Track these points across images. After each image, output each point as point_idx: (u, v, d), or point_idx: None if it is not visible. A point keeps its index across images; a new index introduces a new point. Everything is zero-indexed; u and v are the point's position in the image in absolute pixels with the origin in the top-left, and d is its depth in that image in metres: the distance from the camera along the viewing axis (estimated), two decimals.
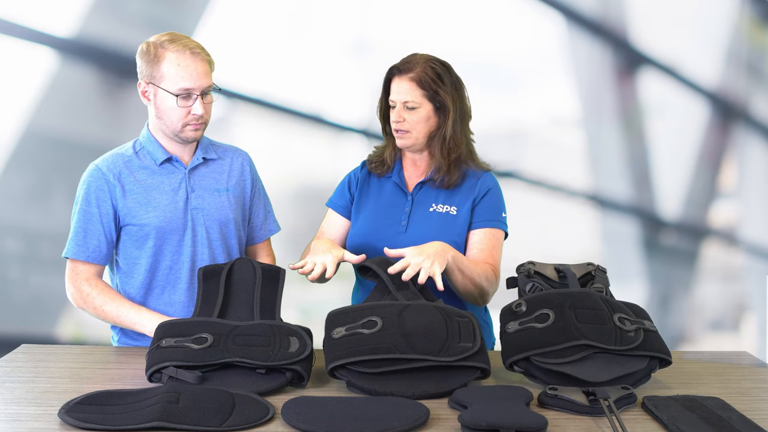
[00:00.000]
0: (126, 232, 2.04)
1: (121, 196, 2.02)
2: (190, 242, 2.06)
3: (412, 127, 2.08)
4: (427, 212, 2.11)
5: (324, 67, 3.76)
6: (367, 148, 4.01)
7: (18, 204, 3.45)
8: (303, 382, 1.68)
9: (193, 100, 1.98)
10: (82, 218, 2.02)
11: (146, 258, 2.04)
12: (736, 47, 4.27)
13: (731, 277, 4.28)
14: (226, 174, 2.13)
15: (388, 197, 2.16)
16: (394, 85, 2.08)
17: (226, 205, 2.10)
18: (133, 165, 2.05)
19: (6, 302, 3.45)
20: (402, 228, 2.11)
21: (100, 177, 2.02)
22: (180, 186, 2.06)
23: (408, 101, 2.06)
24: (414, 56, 2.10)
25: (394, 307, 1.73)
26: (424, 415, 1.47)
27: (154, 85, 1.98)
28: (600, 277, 1.89)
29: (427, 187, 2.14)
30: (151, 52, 1.97)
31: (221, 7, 3.64)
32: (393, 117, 2.09)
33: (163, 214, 2.03)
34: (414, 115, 2.07)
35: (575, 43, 4.09)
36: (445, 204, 2.12)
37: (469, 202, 2.12)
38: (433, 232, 2.07)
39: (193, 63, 1.96)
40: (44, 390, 1.63)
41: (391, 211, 2.14)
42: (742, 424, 1.46)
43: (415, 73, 2.06)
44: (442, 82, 2.07)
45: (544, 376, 1.67)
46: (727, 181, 4.41)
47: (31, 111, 3.43)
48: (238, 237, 2.14)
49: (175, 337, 1.70)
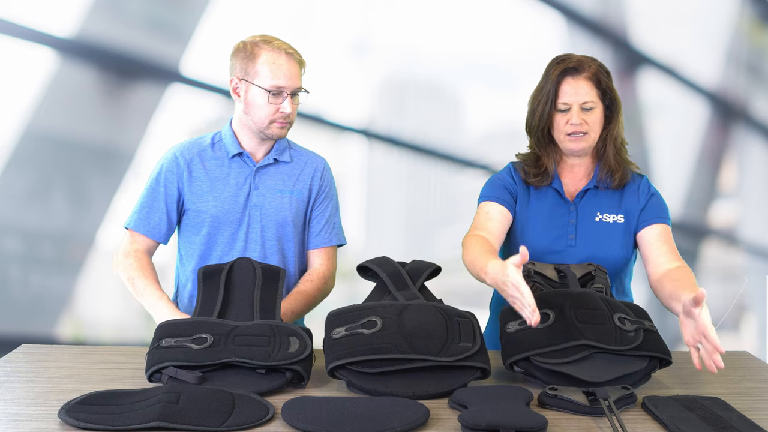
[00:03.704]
0: (186, 217, 2.13)
1: (188, 181, 2.11)
2: (244, 237, 2.12)
3: (590, 129, 1.99)
4: (593, 222, 2.04)
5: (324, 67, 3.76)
6: (368, 148, 4.04)
7: (18, 204, 3.45)
8: (303, 382, 1.68)
9: (283, 98, 2.06)
10: (149, 195, 2.13)
11: (199, 244, 2.12)
12: (736, 47, 4.27)
13: (731, 277, 4.28)
14: (295, 177, 2.17)
15: (549, 207, 2.06)
16: (567, 87, 1.98)
17: (287, 207, 2.15)
18: (206, 154, 2.14)
19: (6, 302, 3.45)
20: (571, 241, 2.03)
21: (173, 160, 2.13)
22: (245, 182, 2.13)
23: (587, 102, 1.97)
24: (573, 56, 2.01)
25: (394, 307, 1.73)
26: (424, 415, 1.47)
27: (246, 81, 2.07)
28: (600, 277, 1.89)
29: (589, 194, 2.06)
30: (248, 50, 2.07)
31: (221, 7, 3.64)
32: (572, 120, 1.97)
33: (222, 205, 2.10)
34: (591, 116, 1.99)
35: (575, 43, 4.09)
36: (611, 213, 2.05)
37: (634, 209, 2.05)
38: (602, 243, 2.01)
39: (287, 63, 2.06)
40: (44, 390, 1.63)
41: (556, 222, 2.05)
42: (742, 424, 1.46)
43: (591, 72, 1.98)
44: (611, 78, 2.01)
45: (544, 376, 1.67)
46: (727, 181, 4.40)
47: (31, 111, 3.43)
48: (297, 240, 2.18)
49: (175, 337, 1.70)
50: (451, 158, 4.03)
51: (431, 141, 3.98)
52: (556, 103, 2.00)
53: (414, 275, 1.88)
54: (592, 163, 2.08)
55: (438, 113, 4.11)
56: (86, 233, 3.49)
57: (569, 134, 1.99)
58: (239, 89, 2.09)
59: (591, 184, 2.06)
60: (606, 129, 2.04)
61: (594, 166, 2.08)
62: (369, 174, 4.05)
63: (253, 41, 2.08)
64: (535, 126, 2.04)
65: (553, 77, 1.99)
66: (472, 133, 4.09)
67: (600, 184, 2.06)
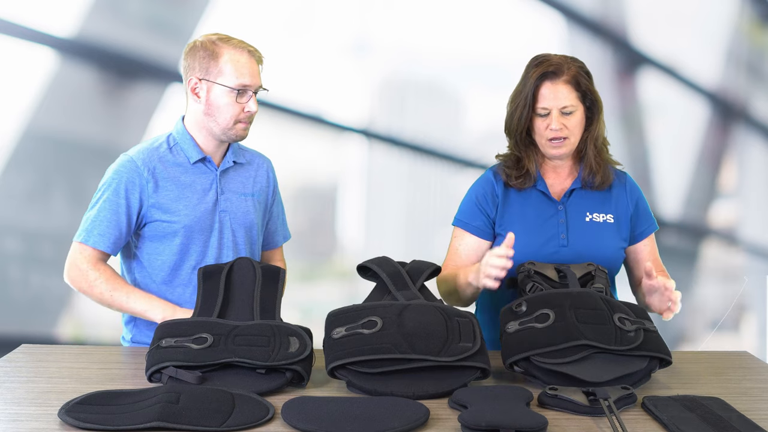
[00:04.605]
0: (153, 228, 2.03)
1: (153, 191, 2.01)
2: (216, 243, 2.07)
3: (571, 133, 1.96)
4: (584, 222, 2.03)
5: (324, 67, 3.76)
6: (368, 148, 4.04)
7: (18, 204, 3.45)
8: (303, 382, 1.68)
9: (248, 97, 2.00)
10: (107, 207, 1.99)
11: (171, 254, 2.05)
12: (736, 47, 4.27)
13: (731, 277, 4.28)
14: (252, 179, 2.15)
15: (535, 209, 2.04)
16: (546, 91, 1.94)
17: (252, 209, 2.12)
18: (168, 161, 2.05)
19: (6, 302, 3.45)
20: (563, 241, 2.01)
21: (134, 170, 2.01)
22: (211, 187, 2.07)
23: (566, 106, 1.94)
24: (551, 57, 1.97)
25: (394, 307, 1.73)
26: (424, 415, 1.47)
27: (208, 81, 1.99)
28: (600, 277, 1.89)
29: (576, 194, 2.05)
30: (208, 48, 1.99)
31: (221, 7, 3.64)
32: (552, 125, 1.95)
33: (193, 213, 2.03)
34: (572, 120, 1.96)
35: (575, 43, 4.09)
36: (600, 212, 2.04)
37: (624, 210, 2.05)
38: (594, 243, 2.01)
39: (249, 61, 2.00)
40: (44, 390, 1.63)
41: (545, 223, 2.03)
42: (742, 424, 1.46)
43: (570, 75, 1.95)
44: (591, 78, 1.98)
45: (544, 376, 1.67)
46: (727, 181, 4.41)
47: (31, 111, 3.43)
48: (260, 242, 2.17)
49: (175, 337, 1.70)
50: (451, 158, 4.03)
51: (431, 141, 3.99)
52: (535, 108, 1.97)
53: (414, 275, 1.88)
54: (575, 163, 2.07)
55: (438, 113, 4.11)
56: None
57: (550, 140, 1.97)
58: (198, 89, 2.00)
59: (576, 184, 2.05)
60: (587, 130, 2.02)
61: (577, 165, 2.07)
62: (369, 174, 4.05)
63: (211, 40, 2.00)
64: (514, 129, 2.02)
65: (531, 81, 1.96)
66: (472, 133, 4.10)
67: (585, 184, 2.05)
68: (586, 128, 2.01)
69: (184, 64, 2.03)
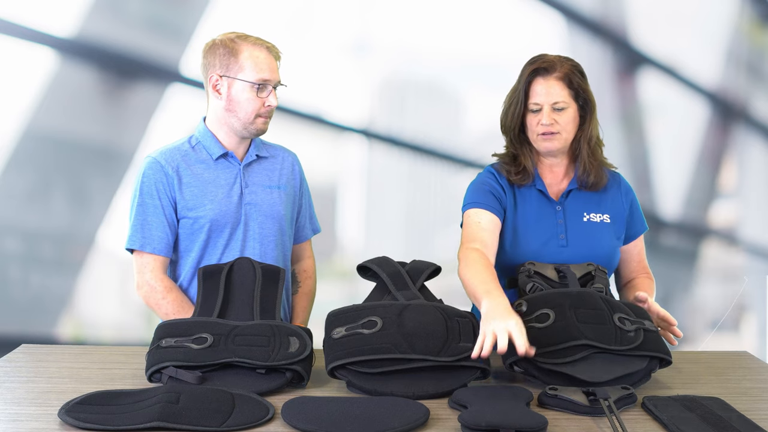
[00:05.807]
0: (180, 225, 2.06)
1: (179, 188, 2.05)
2: (241, 237, 2.09)
3: (562, 129, 1.98)
4: (582, 222, 2.03)
5: (324, 67, 3.76)
6: (368, 148, 4.04)
7: (18, 204, 3.45)
8: (303, 382, 1.68)
9: (268, 92, 2.04)
10: (142, 211, 2.03)
11: (197, 250, 2.07)
12: (736, 47, 4.27)
13: (731, 277, 4.28)
14: (278, 172, 2.17)
15: (535, 208, 2.05)
16: (539, 87, 1.97)
17: (278, 201, 2.14)
18: (190, 158, 2.08)
19: (6, 302, 3.45)
20: (562, 241, 2.01)
21: (159, 169, 2.05)
22: (235, 181, 2.09)
23: (558, 102, 1.96)
24: (546, 56, 2.00)
25: (394, 307, 1.73)
26: (424, 415, 1.47)
27: (228, 77, 2.03)
28: (600, 277, 1.89)
29: (573, 195, 2.05)
30: (227, 46, 2.03)
31: (221, 7, 3.64)
32: (543, 120, 1.96)
33: (218, 208, 2.06)
34: (563, 116, 1.97)
35: (575, 43, 4.09)
36: (597, 213, 2.04)
37: (620, 210, 2.06)
38: (592, 243, 2.01)
39: (268, 57, 2.04)
40: (44, 390, 1.63)
41: (545, 223, 2.03)
42: (742, 424, 1.46)
43: (562, 72, 1.97)
44: (585, 78, 2.00)
45: (544, 376, 1.67)
46: (727, 181, 4.40)
47: (31, 111, 3.43)
48: (291, 234, 2.19)
49: (175, 337, 1.70)
50: (451, 158, 4.03)
51: (431, 141, 3.99)
52: (527, 104, 1.99)
53: (414, 275, 1.88)
54: (570, 164, 2.08)
55: (438, 113, 4.11)
56: (86, 233, 3.49)
57: (541, 134, 1.99)
58: (219, 86, 2.04)
59: (573, 185, 2.06)
60: (581, 129, 2.03)
61: (572, 166, 2.08)
62: (369, 174, 4.05)
63: (229, 38, 2.04)
64: (508, 126, 2.04)
65: (524, 77, 1.99)
66: (472, 133, 4.10)
67: (581, 184, 2.06)
68: (580, 127, 2.02)
69: (204, 62, 2.07)
